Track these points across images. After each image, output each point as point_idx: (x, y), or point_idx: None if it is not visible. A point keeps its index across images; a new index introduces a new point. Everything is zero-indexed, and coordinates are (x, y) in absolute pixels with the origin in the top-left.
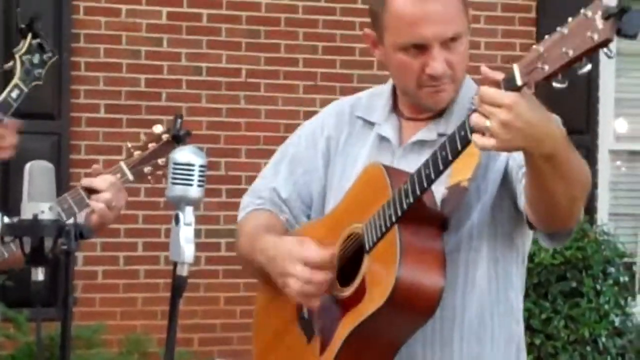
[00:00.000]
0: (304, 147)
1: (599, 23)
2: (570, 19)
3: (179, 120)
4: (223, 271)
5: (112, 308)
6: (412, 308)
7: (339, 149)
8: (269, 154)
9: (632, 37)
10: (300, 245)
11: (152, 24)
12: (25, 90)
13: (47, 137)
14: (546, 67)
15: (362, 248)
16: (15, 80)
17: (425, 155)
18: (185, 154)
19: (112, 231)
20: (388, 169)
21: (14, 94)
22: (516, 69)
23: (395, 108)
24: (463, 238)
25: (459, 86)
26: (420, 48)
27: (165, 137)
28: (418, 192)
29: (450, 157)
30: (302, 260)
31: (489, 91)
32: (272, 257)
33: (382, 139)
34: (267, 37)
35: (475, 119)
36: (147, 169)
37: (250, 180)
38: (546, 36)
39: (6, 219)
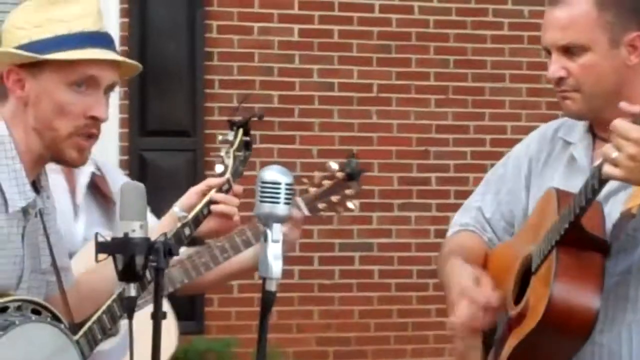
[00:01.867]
0: (511, 167)
1: None
2: None
3: (354, 160)
4: (357, 284)
5: (247, 322)
6: (566, 328)
7: (538, 170)
8: (401, 168)
9: None
10: (472, 282)
11: (284, 41)
12: (231, 187)
13: (182, 154)
14: None
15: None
16: (228, 175)
17: None
18: (272, 173)
19: None
20: (560, 193)
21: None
22: None
23: (591, 127)
24: (635, 261)
25: (590, 98)
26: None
27: (339, 175)
28: (572, 219)
29: (597, 186)
30: (470, 300)
31: (621, 124)
32: (447, 284)
33: (573, 159)
34: (398, 52)
35: (606, 149)
36: (321, 205)
37: (383, 193)
38: None
39: (100, 238)
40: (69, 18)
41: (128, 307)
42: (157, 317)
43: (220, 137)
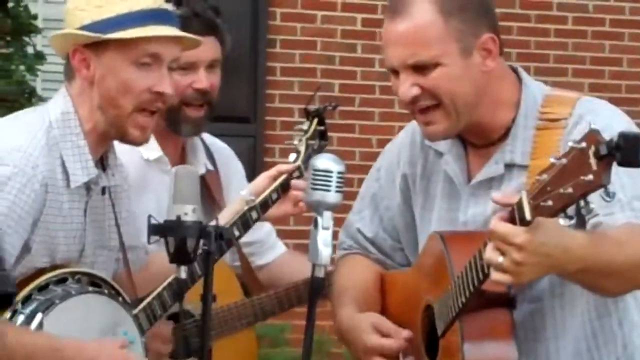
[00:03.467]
0: (384, 181)
1: (593, 163)
2: (569, 145)
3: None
4: None
5: (303, 310)
6: None
7: (416, 186)
8: None
9: (637, 165)
10: (374, 333)
11: (347, 30)
12: (302, 174)
13: (242, 140)
14: (550, 203)
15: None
16: (299, 162)
17: (495, 188)
18: (324, 161)
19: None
20: (447, 244)
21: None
22: (525, 201)
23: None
24: (544, 289)
25: (451, 114)
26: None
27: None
28: (467, 296)
29: (482, 279)
30: (380, 354)
31: (500, 228)
32: (347, 339)
33: (449, 178)
34: None
35: (489, 254)
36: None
37: None
38: (552, 159)
39: (153, 221)
40: None
41: (178, 289)
42: (207, 299)
43: (295, 127)
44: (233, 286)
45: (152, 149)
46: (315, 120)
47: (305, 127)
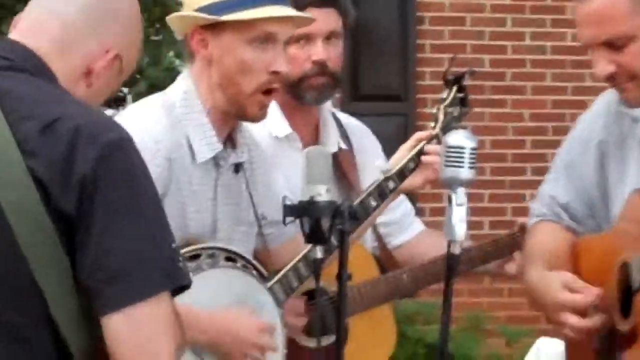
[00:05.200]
0: (577, 150)
1: None
2: None
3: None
4: None
5: (458, 286)
6: None
7: (610, 153)
8: None
9: None
10: (564, 291)
11: (496, 5)
12: (441, 141)
13: (393, 119)
14: None
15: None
16: (437, 130)
17: None
18: (457, 137)
19: None
20: None
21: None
22: None
23: None
24: None
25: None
26: None
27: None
28: None
29: None
30: (572, 310)
31: None
32: (536, 294)
33: None
34: None
35: None
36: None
37: None
38: None
39: (287, 201)
40: None
41: (315, 268)
42: (342, 278)
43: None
44: (369, 265)
45: (282, 126)
46: (455, 88)
47: (444, 95)
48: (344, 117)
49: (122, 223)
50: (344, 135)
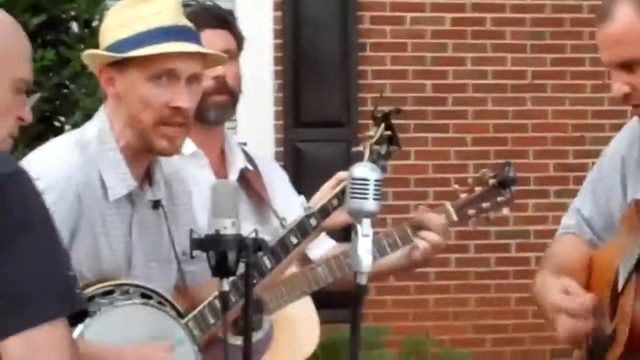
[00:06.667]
0: (606, 165)
1: None
2: None
3: (508, 167)
4: (513, 272)
5: (403, 309)
6: None
7: (632, 171)
8: (556, 155)
9: None
10: (562, 293)
11: (437, 30)
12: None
13: (335, 145)
14: None
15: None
16: None
17: None
18: (361, 170)
19: None
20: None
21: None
22: None
23: None
24: None
25: None
26: None
27: (492, 182)
28: None
29: None
30: (565, 311)
31: None
32: (538, 298)
33: None
34: (553, 38)
35: None
36: (470, 212)
37: (538, 181)
38: None
39: (194, 235)
40: (149, 15)
41: (222, 302)
42: (248, 311)
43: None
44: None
45: (186, 145)
46: (382, 126)
47: (372, 132)
48: (249, 149)
49: (18, 248)
50: (250, 160)
